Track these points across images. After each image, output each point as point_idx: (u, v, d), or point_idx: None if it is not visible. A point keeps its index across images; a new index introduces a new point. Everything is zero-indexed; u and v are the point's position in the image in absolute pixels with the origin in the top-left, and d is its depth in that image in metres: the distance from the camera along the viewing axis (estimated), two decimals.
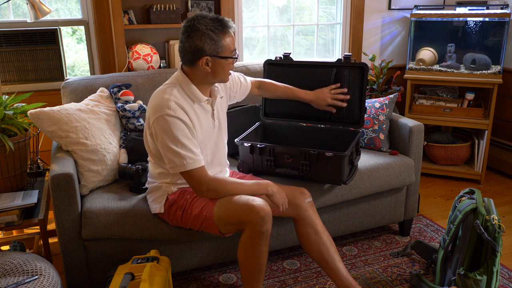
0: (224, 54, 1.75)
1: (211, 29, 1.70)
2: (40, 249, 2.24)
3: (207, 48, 1.71)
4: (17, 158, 2.12)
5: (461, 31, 3.33)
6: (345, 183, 2.10)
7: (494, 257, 1.85)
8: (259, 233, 1.69)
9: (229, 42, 1.75)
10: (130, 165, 2.10)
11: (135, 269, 1.64)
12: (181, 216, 1.86)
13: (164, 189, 1.90)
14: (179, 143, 1.69)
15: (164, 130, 1.69)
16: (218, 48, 1.73)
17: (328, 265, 1.89)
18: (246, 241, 1.72)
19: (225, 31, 1.73)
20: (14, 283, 1.49)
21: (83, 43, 2.90)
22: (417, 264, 2.32)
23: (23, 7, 2.75)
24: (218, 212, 1.76)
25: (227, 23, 1.74)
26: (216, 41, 1.71)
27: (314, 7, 3.43)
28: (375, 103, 2.58)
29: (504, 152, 3.44)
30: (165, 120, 1.69)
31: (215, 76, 1.80)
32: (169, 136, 1.69)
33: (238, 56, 1.83)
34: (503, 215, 2.83)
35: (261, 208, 1.68)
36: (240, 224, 1.72)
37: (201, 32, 1.69)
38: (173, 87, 1.78)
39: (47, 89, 2.72)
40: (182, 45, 1.75)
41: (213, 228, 1.81)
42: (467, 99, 3.29)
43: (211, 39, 1.70)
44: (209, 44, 1.71)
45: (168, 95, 1.73)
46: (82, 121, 2.07)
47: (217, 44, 1.72)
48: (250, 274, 1.78)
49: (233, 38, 1.78)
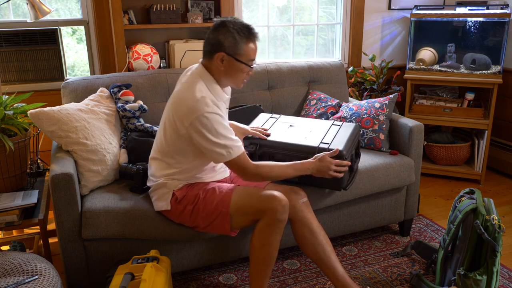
0: (240, 58, 1.79)
1: (237, 30, 1.77)
2: (40, 249, 2.24)
3: (227, 45, 1.77)
4: (17, 158, 2.12)
5: (461, 31, 3.33)
6: (345, 189, 2.09)
7: (494, 257, 1.85)
8: (278, 221, 1.76)
9: (250, 50, 1.80)
10: (131, 165, 2.10)
11: (135, 269, 1.64)
12: (191, 211, 1.87)
13: (170, 186, 1.90)
14: (222, 136, 1.75)
15: (206, 127, 1.73)
16: (236, 50, 1.78)
17: (325, 264, 1.90)
18: (264, 229, 1.78)
19: (249, 38, 1.79)
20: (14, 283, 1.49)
21: (83, 43, 2.90)
22: (417, 264, 2.32)
23: (23, 7, 2.75)
24: (237, 203, 1.81)
25: (254, 33, 1.81)
26: (237, 42, 1.77)
27: (314, 7, 3.43)
28: (375, 103, 2.58)
29: (504, 152, 3.44)
30: (206, 118, 1.72)
31: (227, 76, 1.84)
32: (212, 133, 1.73)
33: (253, 68, 1.86)
34: (503, 215, 2.83)
35: (282, 198, 1.78)
36: (259, 213, 1.78)
37: (227, 29, 1.77)
38: (199, 83, 1.81)
39: (47, 89, 2.72)
40: (207, 36, 1.83)
41: (225, 224, 1.83)
42: (467, 99, 3.29)
43: (233, 38, 1.77)
44: (230, 42, 1.77)
45: (200, 93, 1.76)
46: (82, 121, 2.07)
47: (237, 46, 1.77)
48: (260, 266, 1.81)
49: (255, 49, 1.83)
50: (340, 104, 2.73)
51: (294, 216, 1.93)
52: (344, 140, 2.07)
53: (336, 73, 2.93)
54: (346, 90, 2.96)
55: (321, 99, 2.75)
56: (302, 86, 2.85)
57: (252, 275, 1.84)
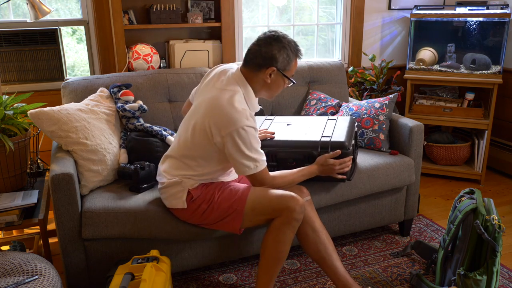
0: (287, 74, 1.85)
1: (291, 48, 1.82)
2: (40, 249, 2.24)
3: (280, 60, 1.81)
4: (17, 158, 2.12)
5: (461, 31, 3.33)
6: (349, 179, 2.11)
7: (494, 257, 1.85)
8: (294, 220, 1.79)
9: (294, 67, 1.88)
10: (129, 164, 2.10)
11: (135, 269, 1.64)
12: (204, 210, 1.87)
13: (185, 184, 1.88)
14: (254, 150, 1.78)
15: (243, 140, 1.74)
16: (287, 66, 1.83)
17: (326, 264, 1.90)
18: (280, 226, 1.80)
19: (298, 55, 1.86)
20: (14, 283, 1.49)
21: (83, 43, 2.91)
22: (417, 264, 2.32)
23: (23, 7, 2.75)
24: (254, 202, 1.83)
25: (301, 51, 1.88)
26: (289, 59, 1.82)
27: (314, 7, 3.43)
28: (375, 103, 2.58)
29: (504, 152, 3.44)
30: (245, 131, 1.74)
31: (269, 90, 1.88)
32: (247, 146, 1.75)
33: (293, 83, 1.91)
34: (503, 215, 2.83)
35: (300, 198, 1.81)
36: (275, 212, 1.80)
37: (283, 45, 1.80)
38: (238, 94, 1.80)
39: (47, 89, 2.72)
40: (258, 48, 1.81)
41: (236, 222, 1.85)
42: (467, 99, 3.29)
43: (287, 55, 1.81)
44: (284, 59, 1.81)
45: (240, 105, 1.77)
46: (82, 121, 2.08)
47: (288, 62, 1.83)
48: (270, 263, 1.83)
49: (296, 66, 1.90)
50: (340, 104, 2.73)
51: None
52: (343, 132, 2.11)
53: (336, 73, 2.93)
54: (346, 90, 2.96)
55: (321, 99, 2.75)
56: (302, 86, 2.85)
57: (261, 272, 1.85)
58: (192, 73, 2.61)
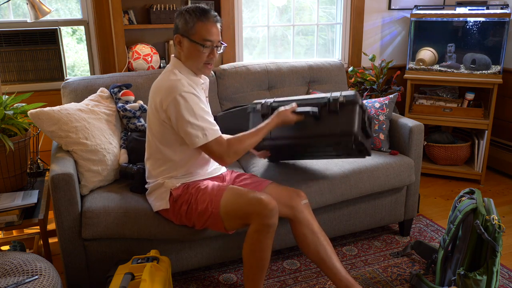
0: (193, 38, 1.79)
1: (189, 12, 1.80)
2: (40, 249, 2.24)
3: (180, 26, 1.81)
4: (17, 158, 2.12)
5: (461, 31, 3.33)
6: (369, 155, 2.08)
7: (494, 257, 1.85)
8: (266, 226, 1.73)
9: (203, 29, 1.79)
10: (131, 165, 2.10)
11: (135, 269, 1.64)
12: (185, 211, 1.87)
13: (167, 185, 1.90)
14: (199, 117, 1.75)
15: (184, 106, 1.73)
16: (189, 30, 1.79)
17: (326, 265, 1.88)
18: (253, 235, 1.75)
19: (201, 18, 1.78)
20: (14, 283, 1.49)
21: (83, 43, 2.90)
22: (417, 264, 2.32)
23: (23, 7, 2.74)
24: (225, 206, 1.79)
25: (207, 12, 1.80)
26: (188, 22, 1.79)
27: (314, 7, 3.43)
28: (375, 103, 2.58)
29: (504, 152, 3.44)
30: (183, 97, 1.73)
31: (190, 59, 1.83)
32: (189, 112, 1.73)
33: (210, 47, 1.81)
34: (503, 215, 2.83)
35: (269, 201, 1.73)
36: (247, 218, 1.75)
37: (180, 12, 1.82)
38: (172, 71, 1.84)
39: (47, 89, 2.72)
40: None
41: (218, 224, 1.82)
42: (467, 99, 3.29)
43: (184, 20, 1.80)
44: (182, 24, 1.80)
45: (175, 76, 1.80)
46: (82, 121, 2.07)
47: (188, 25, 1.79)
48: (253, 270, 1.80)
49: (210, 28, 1.80)
50: None
51: (295, 217, 1.92)
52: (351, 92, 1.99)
53: (336, 73, 2.93)
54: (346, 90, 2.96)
55: None
56: (302, 86, 2.85)
57: (245, 279, 1.84)
58: None
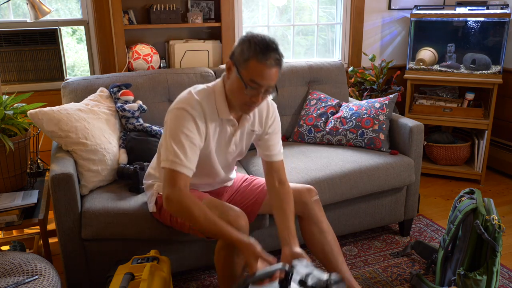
0: (242, 73, 1.55)
1: (251, 42, 1.54)
2: (40, 249, 2.24)
3: (236, 53, 1.58)
4: (17, 158, 2.12)
5: (461, 31, 3.33)
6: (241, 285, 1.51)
7: (494, 257, 1.85)
8: (230, 245, 1.60)
9: (255, 69, 1.53)
10: (128, 165, 2.11)
11: (135, 269, 1.64)
12: (169, 219, 1.85)
13: (156, 189, 1.89)
14: (177, 140, 1.57)
15: (173, 121, 1.59)
16: (241, 62, 1.55)
17: (331, 265, 1.87)
18: (220, 251, 1.66)
19: (258, 56, 1.52)
20: (14, 283, 1.49)
21: (83, 43, 2.90)
22: (417, 264, 2.32)
23: (23, 7, 2.74)
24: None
25: (269, 52, 1.52)
26: (244, 53, 1.54)
27: (314, 7, 3.43)
28: (375, 103, 2.58)
29: (504, 152, 3.44)
30: (180, 112, 1.59)
31: (230, 91, 1.63)
32: (171, 129, 1.58)
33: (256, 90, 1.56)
34: (503, 215, 2.83)
35: (235, 220, 1.60)
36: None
37: (243, 39, 1.57)
38: (208, 92, 1.67)
39: (47, 89, 2.72)
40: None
41: (199, 234, 1.78)
42: (467, 99, 3.29)
43: (242, 49, 1.55)
44: (238, 52, 1.57)
45: (197, 96, 1.64)
46: (82, 121, 2.08)
47: (242, 57, 1.55)
48: (225, 282, 1.72)
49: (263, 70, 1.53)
50: (340, 104, 2.73)
51: (305, 213, 1.88)
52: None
53: (336, 73, 2.93)
54: (346, 90, 2.96)
55: (321, 99, 2.75)
56: (302, 86, 2.85)
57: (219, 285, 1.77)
58: (192, 73, 2.61)
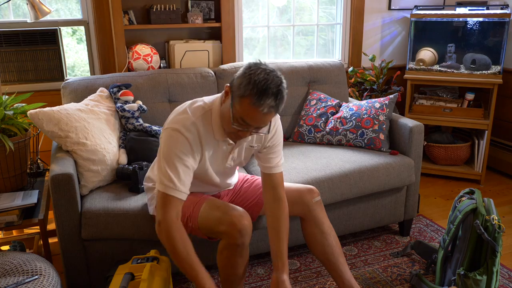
0: (234, 105, 1.50)
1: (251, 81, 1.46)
2: (40, 249, 2.24)
3: (235, 83, 1.51)
4: (17, 158, 2.12)
5: (461, 31, 3.33)
6: None
7: (494, 257, 1.85)
8: (234, 245, 1.63)
9: (246, 109, 1.46)
10: (127, 165, 2.11)
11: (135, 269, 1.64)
12: None
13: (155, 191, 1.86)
14: (170, 163, 1.54)
15: (167, 143, 1.56)
16: (237, 95, 1.49)
17: (332, 267, 1.87)
18: (222, 251, 1.68)
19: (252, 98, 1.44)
20: (14, 283, 1.49)
21: (83, 43, 2.91)
22: (417, 264, 2.32)
23: (23, 7, 2.75)
24: (201, 223, 1.71)
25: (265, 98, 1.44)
26: (240, 88, 1.47)
27: (314, 7, 3.43)
28: (375, 103, 2.58)
29: (504, 152, 3.44)
30: (175, 134, 1.55)
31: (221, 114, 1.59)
32: (164, 152, 1.56)
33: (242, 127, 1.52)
34: (503, 215, 2.83)
35: (239, 220, 1.61)
36: (218, 234, 1.67)
37: (245, 71, 1.49)
38: (205, 111, 1.62)
39: (47, 89, 2.72)
40: None
41: (200, 235, 1.78)
42: (467, 99, 3.29)
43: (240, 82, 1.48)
44: (237, 83, 1.49)
45: (193, 115, 1.58)
46: (82, 121, 2.08)
47: (239, 91, 1.48)
48: (227, 282, 1.75)
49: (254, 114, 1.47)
50: (340, 104, 2.73)
51: (306, 215, 1.88)
52: None
53: (336, 73, 2.93)
54: (346, 90, 2.96)
55: (321, 99, 2.75)
56: (302, 86, 2.85)
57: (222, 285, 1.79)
58: (192, 73, 2.61)
